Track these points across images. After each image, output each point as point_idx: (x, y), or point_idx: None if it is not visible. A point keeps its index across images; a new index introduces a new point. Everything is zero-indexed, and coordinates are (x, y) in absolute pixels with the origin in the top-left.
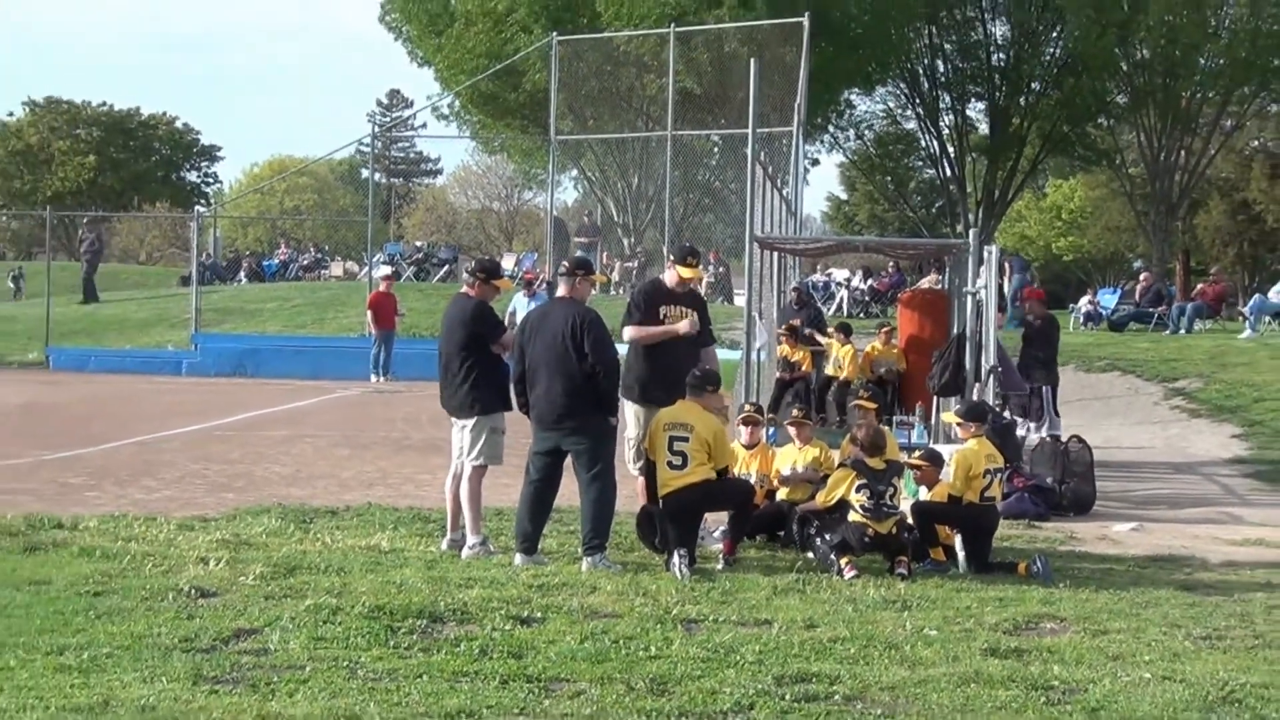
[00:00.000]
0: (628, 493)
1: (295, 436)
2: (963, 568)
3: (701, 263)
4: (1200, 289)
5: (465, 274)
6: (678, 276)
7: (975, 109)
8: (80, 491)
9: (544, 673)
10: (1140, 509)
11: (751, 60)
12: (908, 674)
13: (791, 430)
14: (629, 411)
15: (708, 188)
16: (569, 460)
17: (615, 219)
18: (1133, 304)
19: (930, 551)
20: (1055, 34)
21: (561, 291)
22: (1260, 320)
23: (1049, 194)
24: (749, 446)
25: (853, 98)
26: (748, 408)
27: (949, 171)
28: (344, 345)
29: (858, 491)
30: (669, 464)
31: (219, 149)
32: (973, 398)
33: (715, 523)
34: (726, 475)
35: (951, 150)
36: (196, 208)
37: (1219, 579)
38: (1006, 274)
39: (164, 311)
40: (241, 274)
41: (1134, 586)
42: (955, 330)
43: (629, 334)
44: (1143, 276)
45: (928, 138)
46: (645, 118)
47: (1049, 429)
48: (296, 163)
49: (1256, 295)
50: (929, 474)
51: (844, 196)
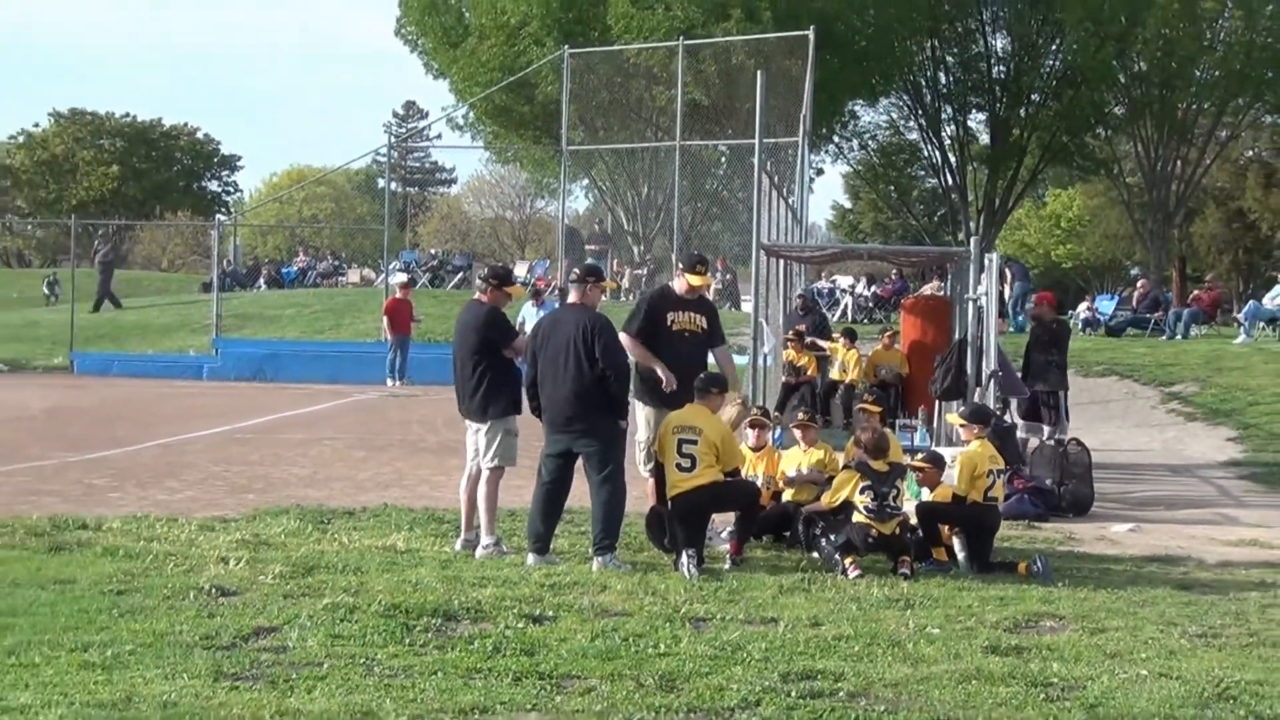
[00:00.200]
0: (637, 494)
1: (313, 439)
2: (963, 567)
3: (710, 270)
4: (1196, 295)
5: (478, 281)
6: (687, 284)
7: (976, 120)
8: (104, 493)
9: (556, 669)
10: (1138, 510)
11: (758, 72)
12: (910, 671)
13: (797, 433)
14: (639, 414)
15: (715, 197)
16: (580, 462)
17: (625, 227)
18: (1130, 310)
19: (933, 551)
20: (1054, 47)
21: (573, 298)
22: (1254, 326)
23: (1048, 203)
24: (756, 449)
25: (857, 109)
26: (754, 411)
27: (950, 181)
28: (361, 350)
29: (862, 493)
30: (678, 466)
31: (239, 159)
32: (974, 401)
33: (723, 523)
34: (737, 476)
35: (953, 160)
36: (217, 216)
37: (1214, 578)
38: (1008, 280)
39: (185, 317)
40: (261, 281)
41: (1131, 586)
42: (957, 336)
43: (624, 340)
44: (1140, 283)
45: (930, 148)
46: (654, 128)
47: (1059, 432)
48: (314, 172)
49: (1251, 301)
50: (931, 476)
51: (848, 205)
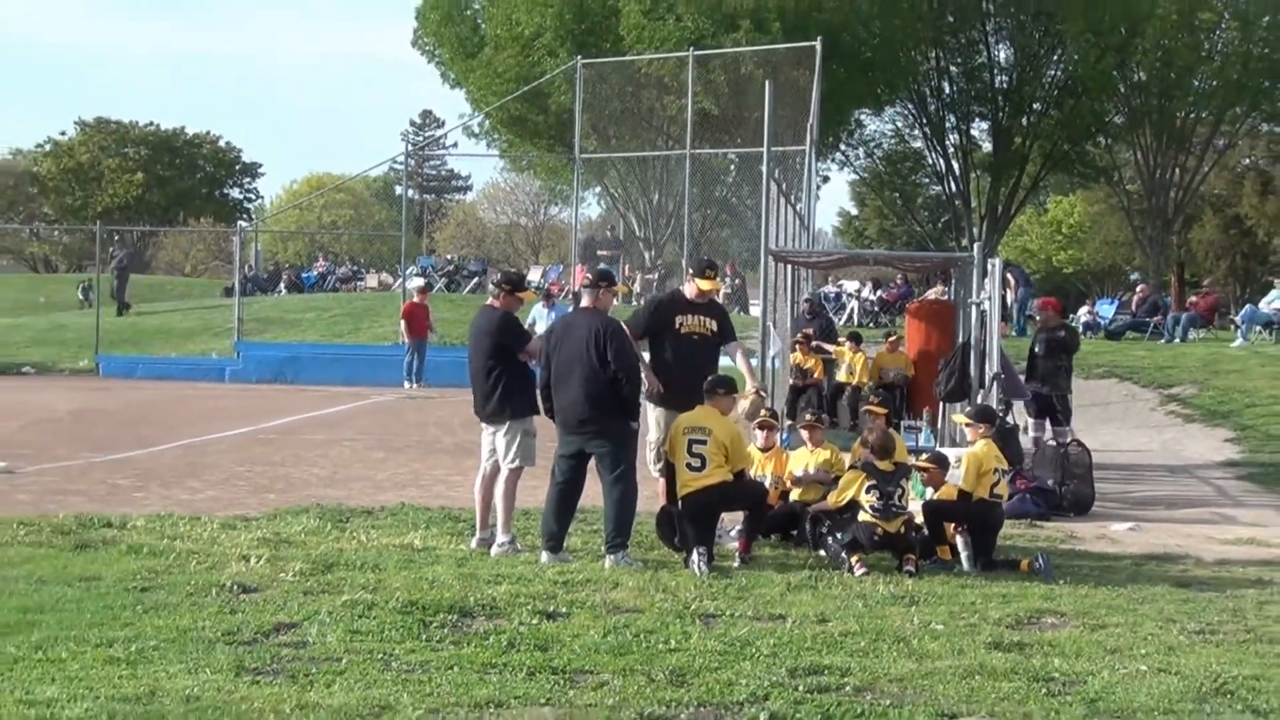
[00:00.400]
0: (648, 493)
1: (333, 440)
2: (967, 565)
3: (719, 275)
4: (1194, 300)
5: (490, 287)
6: (696, 288)
7: (979, 128)
8: (128, 492)
9: (569, 664)
10: (1137, 509)
11: (766, 82)
12: (915, 666)
13: (804, 434)
14: (650, 415)
15: (725, 203)
16: (593, 463)
17: (637, 233)
18: (1130, 314)
19: (936, 550)
20: (1056, 57)
21: (585, 302)
22: (1251, 329)
23: (1050, 209)
24: (764, 449)
25: (863, 118)
26: (763, 413)
27: (954, 188)
28: (379, 353)
29: (867, 492)
30: (688, 466)
31: (260, 166)
32: (978, 402)
33: (731, 522)
34: (745, 476)
35: (957, 168)
36: (239, 223)
37: (1212, 576)
38: (1012, 286)
39: (208, 321)
40: (281, 285)
41: (1131, 583)
42: (960, 339)
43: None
44: (1139, 288)
45: (934, 156)
46: (665, 137)
47: (1062, 434)
48: (334, 180)
49: (1248, 305)
50: (935, 476)
51: (854, 212)
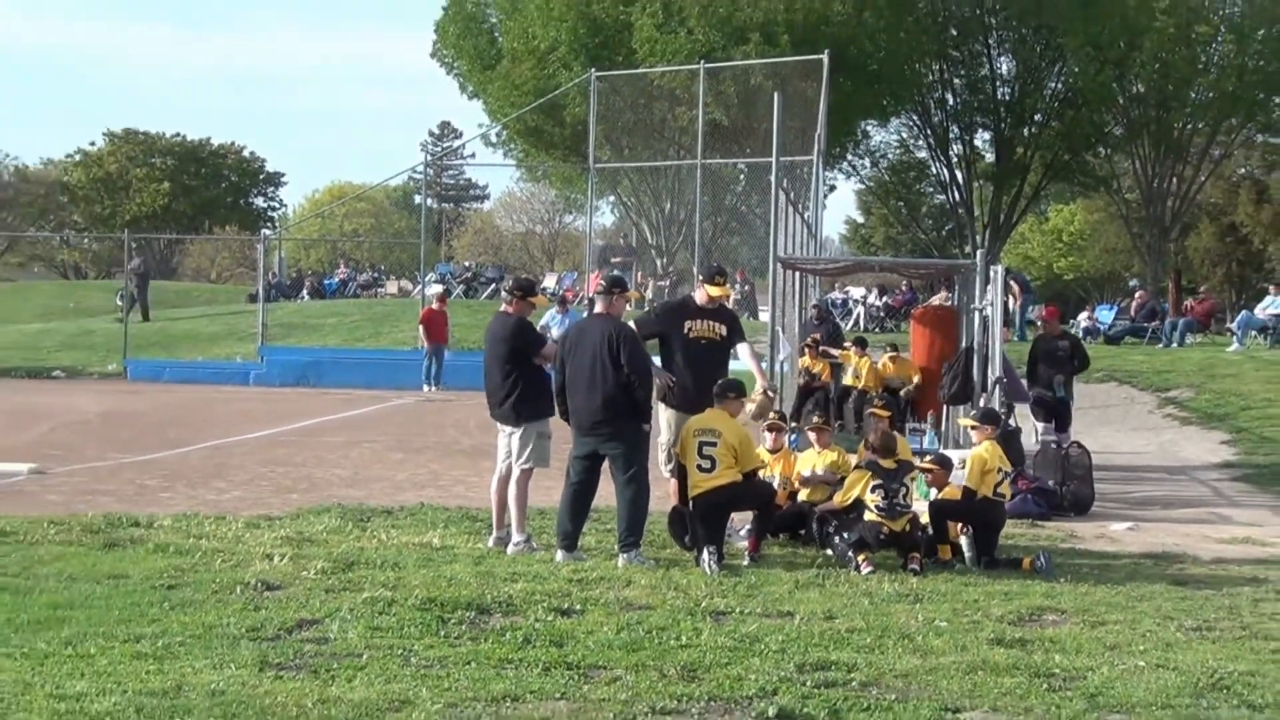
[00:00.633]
0: (660, 494)
1: (354, 442)
2: (970, 564)
3: (729, 281)
4: (1191, 306)
5: (504, 293)
6: (706, 294)
7: (982, 139)
8: (156, 492)
9: (583, 660)
10: (1136, 509)
11: (775, 94)
12: (920, 662)
13: (812, 436)
14: (662, 418)
15: (735, 212)
16: (606, 464)
17: (649, 241)
18: (1128, 319)
19: (939, 549)
20: (1057, 70)
21: (599, 308)
22: (1247, 335)
23: (1051, 218)
24: (773, 451)
25: (869, 128)
26: (772, 415)
27: (958, 197)
28: (398, 357)
29: (872, 492)
30: (698, 467)
31: (283, 176)
32: (981, 406)
33: (741, 522)
34: (756, 477)
35: (960, 177)
36: (263, 231)
37: (1209, 574)
38: (1016, 293)
39: (233, 326)
40: (304, 292)
41: (1130, 581)
42: (963, 344)
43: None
44: (1138, 294)
45: (938, 165)
46: (677, 147)
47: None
48: (355, 189)
49: (1243, 311)
50: (939, 477)
51: (860, 220)
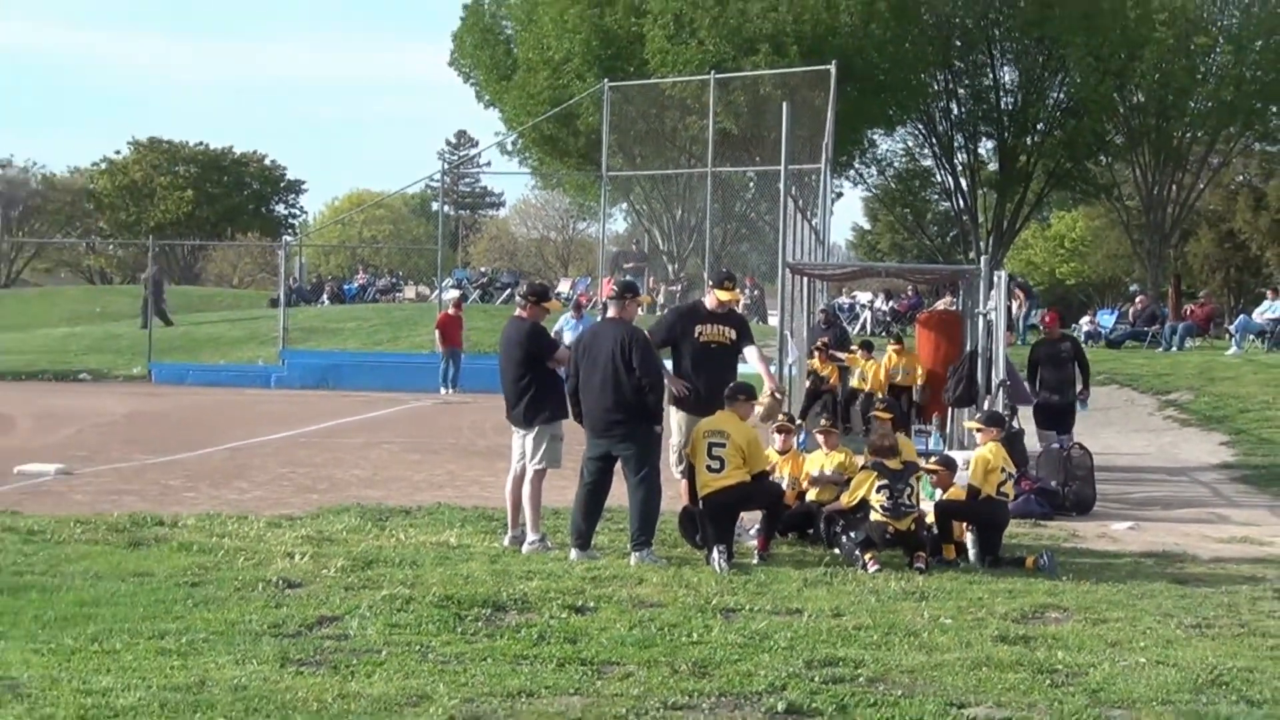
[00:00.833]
0: (672, 494)
1: (372, 443)
2: (974, 562)
3: (738, 286)
4: (1190, 310)
5: (518, 298)
6: (716, 299)
7: (986, 147)
8: (179, 492)
9: (596, 656)
10: (1136, 509)
11: (784, 104)
12: (925, 658)
13: (819, 438)
14: (673, 420)
15: (744, 219)
16: (619, 465)
17: (661, 247)
18: (1129, 324)
19: (943, 549)
20: (1059, 80)
21: (612, 313)
22: (1245, 338)
23: (1053, 224)
24: (782, 452)
25: (875, 137)
26: (781, 417)
27: (962, 204)
28: (416, 361)
29: (878, 492)
30: (708, 468)
31: (304, 184)
32: (985, 408)
33: (750, 521)
34: (764, 478)
35: (964, 185)
36: (284, 237)
37: (1208, 573)
38: (1021, 299)
39: (255, 330)
40: (324, 296)
41: (1131, 579)
42: (968, 348)
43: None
44: (1138, 299)
45: (943, 173)
46: (688, 155)
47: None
48: (373, 196)
49: (1241, 316)
50: (944, 477)
51: (867, 226)
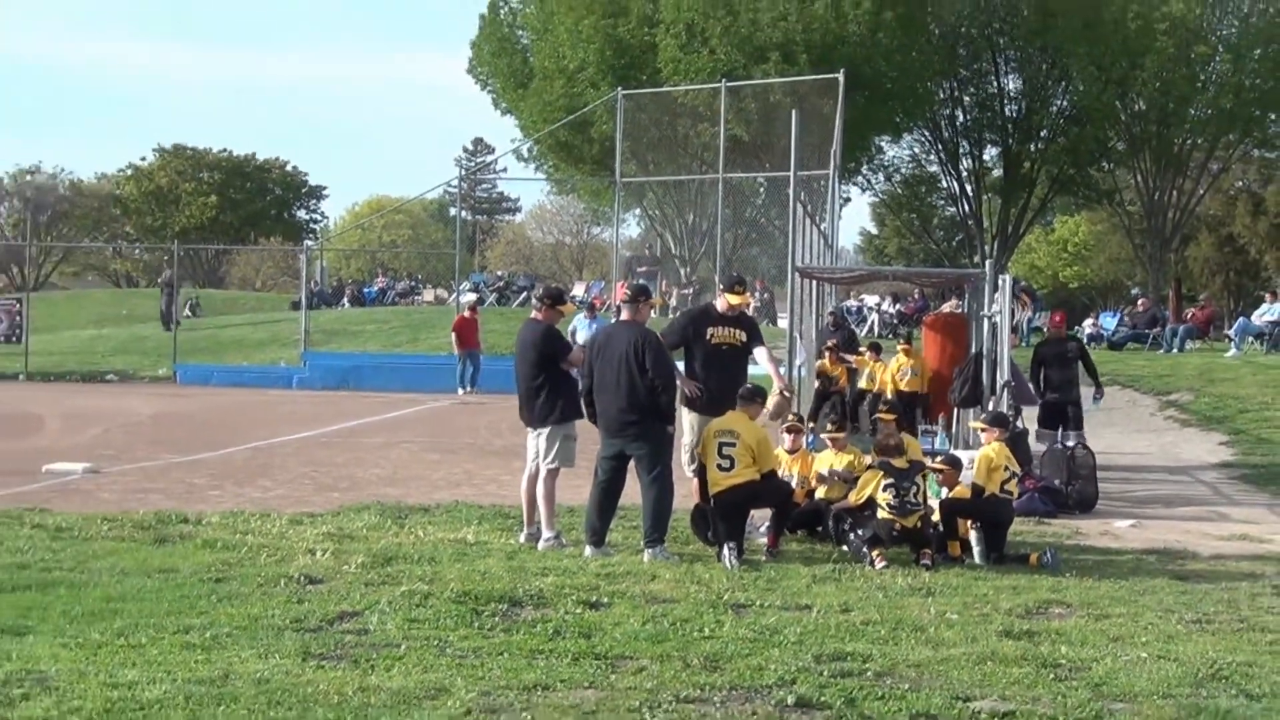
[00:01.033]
0: (684, 492)
1: (392, 443)
2: (979, 560)
3: (748, 290)
4: (1191, 313)
5: (534, 301)
6: (726, 302)
7: (990, 154)
8: (204, 490)
9: (610, 651)
10: (1138, 508)
11: (793, 111)
12: (931, 653)
13: (828, 439)
14: (685, 420)
15: (754, 223)
16: (632, 464)
17: (673, 251)
18: (1131, 326)
19: (948, 546)
20: (1062, 88)
21: (625, 315)
22: (1244, 340)
23: (1056, 229)
24: (791, 451)
25: (882, 144)
26: (790, 418)
27: (967, 209)
28: (435, 362)
29: (884, 490)
30: (719, 467)
31: (325, 189)
32: (990, 408)
33: (760, 519)
34: (773, 477)
35: (970, 190)
36: (305, 241)
37: (1208, 570)
38: (1027, 304)
39: (277, 333)
40: (345, 300)
41: (1132, 576)
42: (973, 349)
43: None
44: (1140, 302)
45: (948, 179)
46: (699, 162)
47: (1078, 438)
48: (393, 202)
49: (1241, 318)
50: (950, 476)
51: (875, 231)
